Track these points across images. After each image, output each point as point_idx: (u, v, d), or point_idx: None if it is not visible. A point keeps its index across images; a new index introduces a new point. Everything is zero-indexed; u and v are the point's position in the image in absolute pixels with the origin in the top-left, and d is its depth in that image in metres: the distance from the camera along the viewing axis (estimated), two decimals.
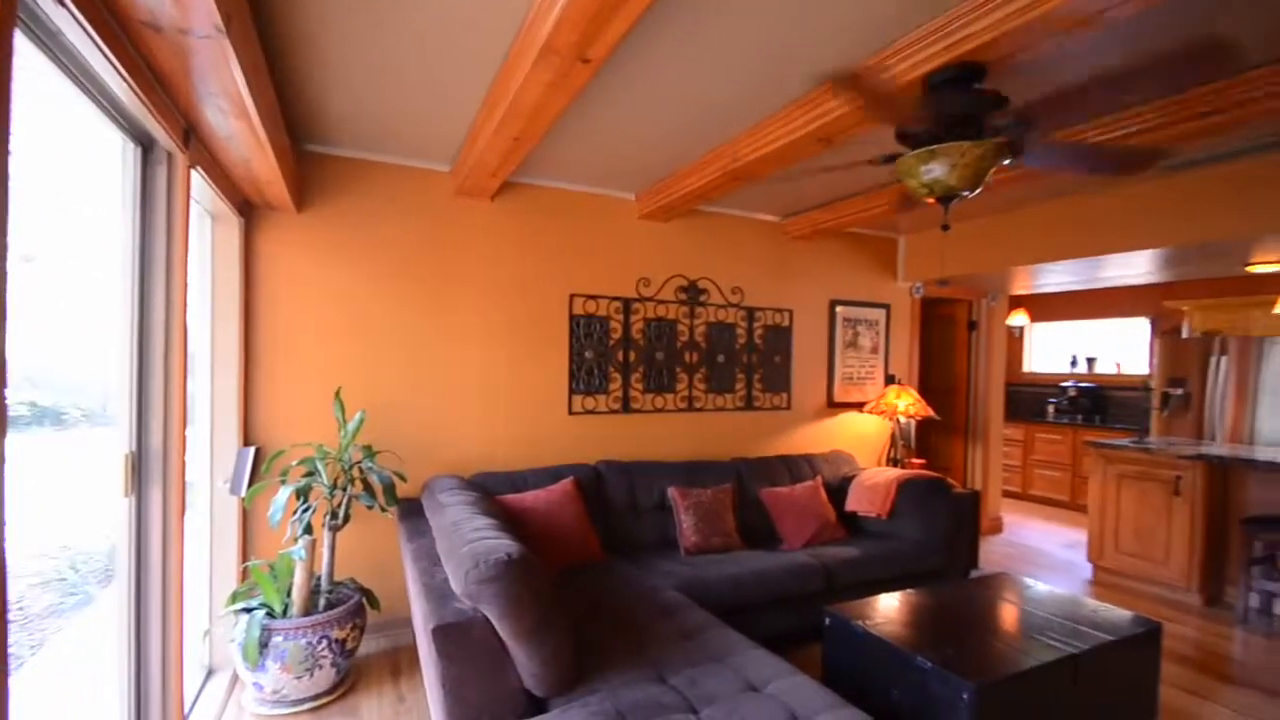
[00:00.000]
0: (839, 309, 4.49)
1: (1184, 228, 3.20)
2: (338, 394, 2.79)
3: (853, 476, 3.93)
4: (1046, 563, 4.63)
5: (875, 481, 3.71)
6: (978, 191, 1.82)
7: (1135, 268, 4.22)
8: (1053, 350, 7.29)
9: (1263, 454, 3.85)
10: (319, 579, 2.69)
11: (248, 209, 2.85)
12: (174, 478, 1.90)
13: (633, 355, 3.74)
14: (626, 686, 1.78)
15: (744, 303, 4.11)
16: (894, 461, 4.49)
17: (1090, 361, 6.79)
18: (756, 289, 4.16)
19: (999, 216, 4.06)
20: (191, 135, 1.97)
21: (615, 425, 3.72)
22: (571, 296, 3.57)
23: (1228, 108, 2.11)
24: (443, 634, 1.63)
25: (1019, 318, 7.07)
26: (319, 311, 3.00)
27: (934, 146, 1.72)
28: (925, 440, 5.62)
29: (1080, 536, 5.01)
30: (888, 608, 2.43)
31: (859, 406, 4.54)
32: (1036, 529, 5.58)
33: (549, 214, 3.51)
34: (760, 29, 1.83)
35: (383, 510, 2.73)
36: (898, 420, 4.42)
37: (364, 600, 2.70)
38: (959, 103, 1.70)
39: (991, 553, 4.81)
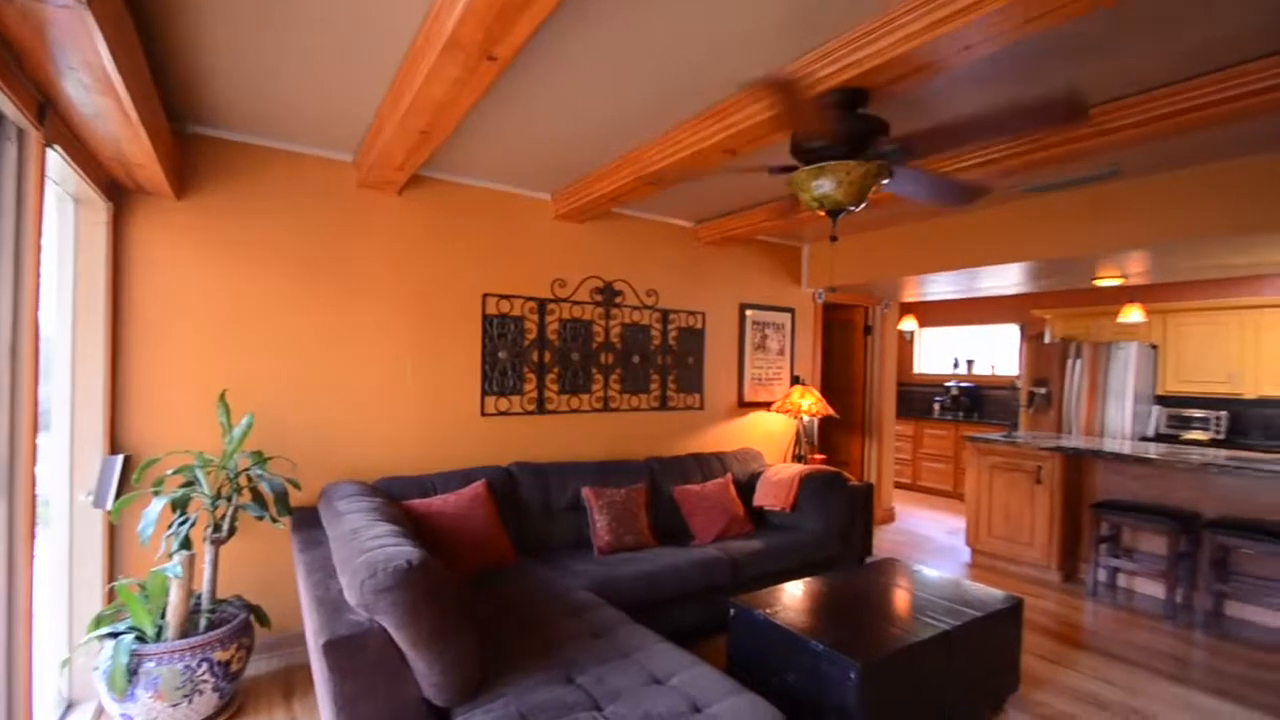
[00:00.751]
0: (749, 312, 4.68)
1: (1042, 245, 3.61)
2: (222, 396, 2.59)
3: (761, 473, 4.12)
4: (932, 548, 5.05)
5: (780, 477, 3.90)
6: (862, 206, 1.98)
7: (1006, 279, 4.69)
8: (938, 353, 7.95)
9: (1109, 445, 4.40)
10: (199, 598, 2.49)
11: (118, 193, 2.59)
12: (22, 491, 1.70)
13: (548, 356, 3.73)
14: (533, 689, 1.78)
15: (659, 305, 4.20)
16: (798, 458, 4.74)
17: (970, 364, 7.47)
18: (671, 292, 4.27)
19: (889, 230, 4.40)
20: (48, 110, 1.77)
21: (530, 426, 3.69)
22: (485, 296, 3.50)
23: (1061, 144, 2.43)
24: (335, 648, 1.56)
25: (909, 323, 7.66)
26: (202, 306, 2.78)
27: (823, 164, 1.86)
28: (827, 437, 5.97)
29: (961, 523, 5.50)
30: (787, 596, 2.57)
31: (767, 406, 4.75)
32: (924, 517, 6.07)
33: (462, 211, 3.43)
34: (668, 38, 1.89)
35: (274, 521, 2.57)
36: (801, 419, 4.66)
37: (252, 618, 2.52)
38: (848, 124, 1.84)
39: (884, 540, 5.18)
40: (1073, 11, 1.49)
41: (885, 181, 1.96)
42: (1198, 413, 5.48)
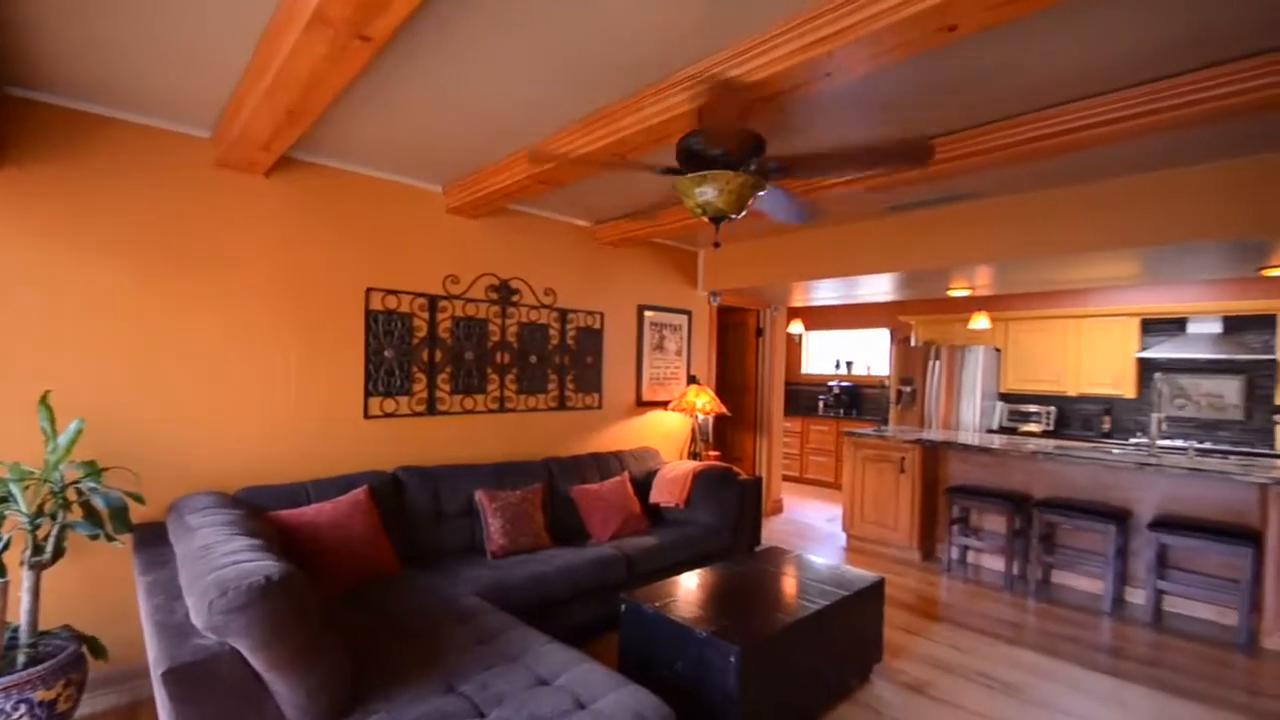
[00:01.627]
0: (647, 314, 4.77)
1: (904, 258, 3.99)
2: (44, 399, 2.26)
3: (657, 470, 4.21)
4: (815, 535, 5.40)
5: (675, 474, 4.01)
6: (742, 215, 2.09)
7: (879, 287, 5.13)
8: (823, 355, 8.53)
9: (961, 438, 4.92)
10: (16, 630, 2.15)
11: None
12: None
13: (439, 355, 3.58)
14: (411, 702, 1.71)
15: (557, 304, 4.17)
16: (694, 455, 4.90)
17: (849, 365, 8.08)
18: (569, 291, 4.25)
19: (775, 239, 4.65)
20: None
21: (420, 429, 3.53)
22: (369, 291, 3.30)
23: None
24: (176, 677, 1.41)
25: (797, 326, 8.15)
26: (22, 294, 2.40)
27: (705, 172, 1.94)
28: (721, 434, 6.21)
29: (840, 511, 5.93)
30: (675, 589, 2.65)
31: (664, 405, 4.87)
32: (809, 507, 6.48)
33: (342, 199, 3.22)
34: (553, 42, 1.89)
35: (110, 540, 2.27)
36: (697, 417, 4.82)
37: (84, 651, 2.22)
38: (730, 135, 1.94)
39: (773, 530, 5.47)
40: (911, 50, 1.66)
41: (762, 193, 2.08)
42: (1032, 408, 6.27)
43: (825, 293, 5.58)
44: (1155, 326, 5.71)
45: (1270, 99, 1.98)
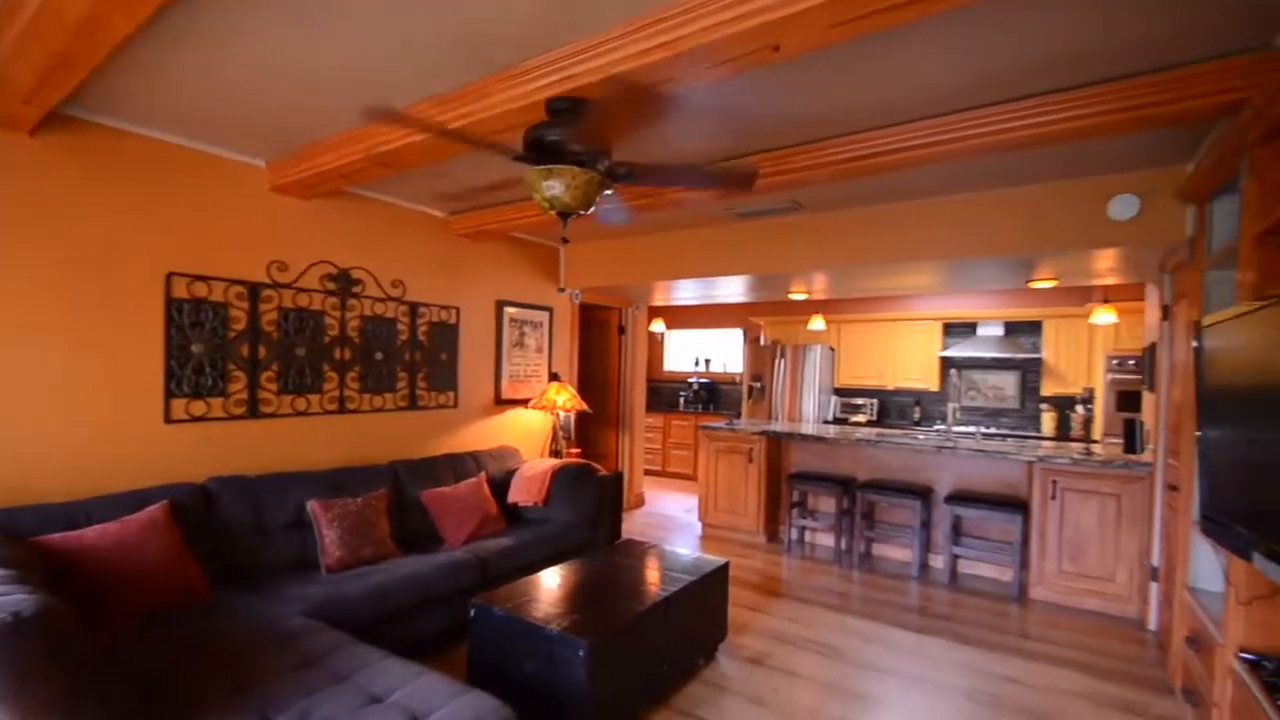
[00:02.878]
0: (507, 310, 4.65)
1: (751, 261, 4.28)
2: None
3: (516, 470, 4.11)
4: (674, 526, 5.61)
5: (534, 472, 3.95)
6: (590, 211, 2.11)
7: (733, 289, 5.43)
8: (683, 353, 8.90)
9: (801, 429, 5.38)
10: None
11: None
12: None
13: (263, 350, 3.20)
14: None
15: (406, 297, 3.91)
16: (555, 453, 4.86)
17: (707, 362, 8.51)
18: (421, 284, 4.01)
19: (633, 239, 4.77)
20: None
21: (239, 433, 3.13)
22: (171, 276, 2.86)
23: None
24: None
25: (658, 325, 8.42)
26: None
27: (552, 166, 1.93)
28: (585, 431, 6.24)
29: (697, 502, 6.22)
30: (528, 588, 2.60)
31: (525, 403, 4.77)
32: (670, 500, 6.72)
33: (136, 168, 2.75)
34: (390, 10, 1.76)
35: None
36: (558, 414, 4.79)
37: None
38: (582, 132, 1.94)
39: (634, 524, 5.60)
40: (744, 65, 1.77)
41: (608, 192, 2.11)
42: (860, 400, 7.04)
43: (684, 293, 5.82)
44: (953, 329, 6.67)
45: (1046, 135, 2.36)
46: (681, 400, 8.39)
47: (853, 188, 3.46)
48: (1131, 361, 5.35)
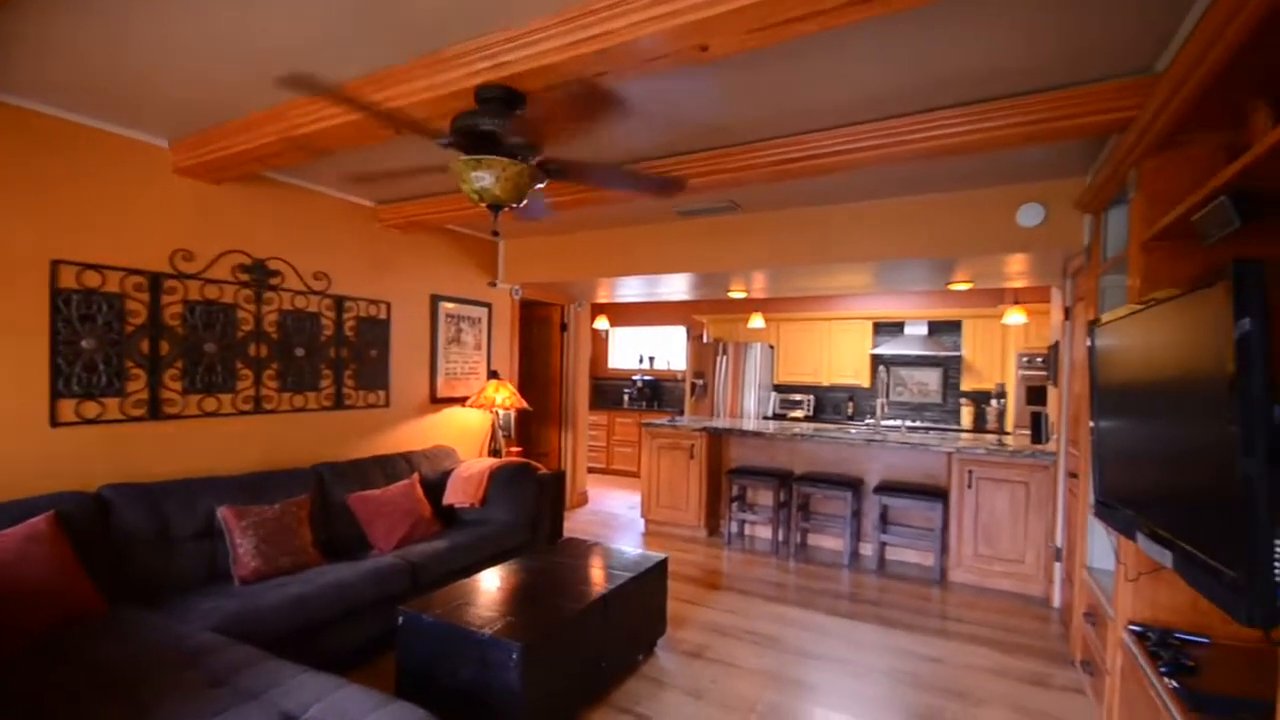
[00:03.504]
0: (442, 305, 4.50)
1: (691, 259, 4.31)
2: None
3: (453, 470, 3.99)
4: (617, 524, 5.60)
5: (470, 473, 3.84)
6: (522, 204, 2.06)
7: (675, 286, 5.46)
8: (627, 350, 8.90)
9: (741, 424, 5.48)
10: None
11: None
12: None
13: (166, 346, 2.96)
14: None
15: (331, 290, 3.72)
16: (495, 452, 4.75)
17: (651, 360, 8.55)
18: (347, 277, 3.82)
19: (573, 235, 4.72)
20: None
21: (140, 436, 2.88)
22: (57, 264, 2.60)
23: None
24: None
25: (602, 322, 8.39)
26: None
27: (481, 156, 1.87)
28: (527, 430, 6.14)
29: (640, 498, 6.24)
30: (460, 592, 2.52)
31: (462, 401, 4.64)
32: (614, 497, 6.70)
33: (11, 143, 2.48)
34: None
35: None
36: (497, 413, 4.68)
37: None
38: (513, 123, 1.89)
39: (577, 522, 5.56)
40: (672, 64, 1.77)
41: (540, 185, 2.07)
42: (798, 396, 7.25)
43: (627, 290, 5.81)
44: (883, 328, 6.97)
45: (959, 145, 2.48)
46: (626, 398, 8.39)
47: (788, 190, 3.54)
48: (1039, 359, 5.74)
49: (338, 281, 3.76)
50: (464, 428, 4.72)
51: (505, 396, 4.48)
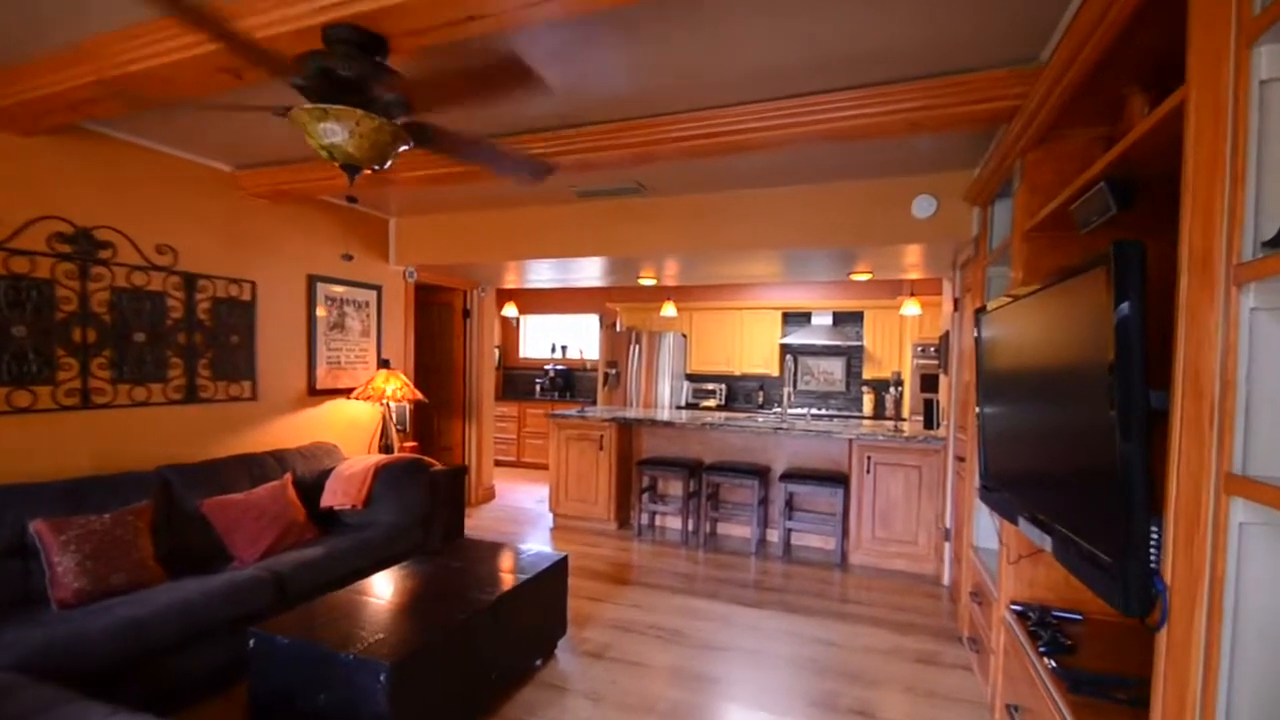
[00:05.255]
0: (320, 286, 4.06)
1: (595, 242, 4.15)
2: None
3: (333, 469, 3.61)
4: (524, 519, 5.37)
5: (352, 471, 3.49)
6: (387, 166, 1.80)
7: (586, 272, 5.26)
8: (539, 339, 8.62)
9: (654, 414, 5.39)
10: None
11: None
12: None
13: None
14: None
15: (179, 267, 3.23)
16: (386, 448, 4.38)
17: (564, 349, 8.32)
18: (200, 252, 3.34)
19: (474, 214, 4.42)
20: None
21: None
22: None
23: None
24: None
25: (511, 309, 8.06)
26: None
27: (327, 105, 1.60)
28: (429, 423, 5.76)
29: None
30: (330, 607, 2.24)
31: (348, 393, 4.23)
32: (523, 491, 6.45)
33: None
34: None
35: None
36: (388, 405, 4.32)
37: None
38: (362, 66, 1.62)
39: (482, 519, 5.27)
40: (545, 14, 1.58)
41: (408, 146, 1.82)
42: (710, 385, 7.28)
43: (536, 275, 5.55)
44: (791, 318, 7.13)
45: (860, 128, 2.46)
46: (537, 388, 8.11)
47: (694, 173, 3.44)
48: (932, 349, 6.06)
49: (187, 257, 3.27)
50: (351, 422, 4.31)
51: (396, 388, 4.13)
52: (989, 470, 2.26)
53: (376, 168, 1.83)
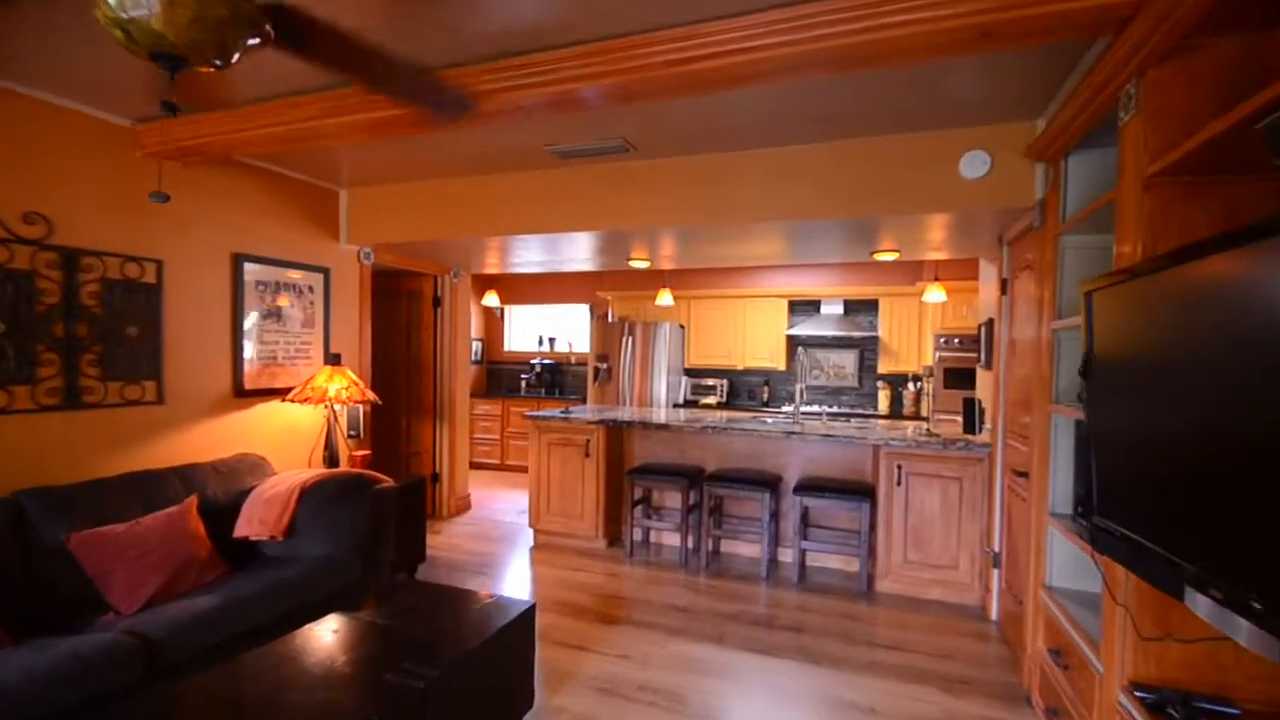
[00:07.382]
0: (248, 267, 3.41)
1: (579, 214, 3.50)
2: None
3: (255, 488, 2.98)
4: (501, 535, 4.74)
5: (274, 492, 2.86)
6: (231, 63, 1.17)
7: (572, 253, 4.59)
8: (526, 331, 7.97)
9: (646, 415, 4.75)
10: None
11: None
12: None
13: None
14: None
15: (54, 240, 2.59)
16: (331, 458, 3.74)
17: (551, 341, 7.67)
18: (85, 223, 2.70)
19: (434, 182, 3.77)
20: None
21: None
22: None
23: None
24: None
25: (492, 298, 7.41)
26: None
27: None
28: (395, 426, 5.14)
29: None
30: (189, 697, 1.61)
31: (282, 394, 3.59)
32: (503, 500, 5.82)
33: None
34: None
35: None
36: (333, 408, 3.68)
37: None
38: None
39: (452, 536, 4.65)
40: None
41: (256, 40, 1.18)
42: (710, 381, 6.65)
43: (518, 258, 4.89)
44: (799, 307, 6.49)
45: (900, 42, 1.84)
46: (523, 384, 7.47)
47: (687, 122, 2.80)
48: (958, 340, 5.43)
49: (65, 228, 2.62)
50: (289, 429, 3.68)
51: (341, 387, 3.48)
52: (1107, 502, 1.63)
53: (217, 64, 1.18)
